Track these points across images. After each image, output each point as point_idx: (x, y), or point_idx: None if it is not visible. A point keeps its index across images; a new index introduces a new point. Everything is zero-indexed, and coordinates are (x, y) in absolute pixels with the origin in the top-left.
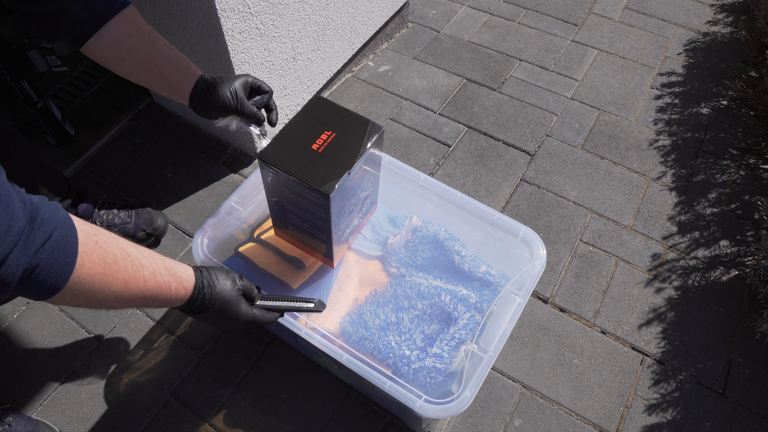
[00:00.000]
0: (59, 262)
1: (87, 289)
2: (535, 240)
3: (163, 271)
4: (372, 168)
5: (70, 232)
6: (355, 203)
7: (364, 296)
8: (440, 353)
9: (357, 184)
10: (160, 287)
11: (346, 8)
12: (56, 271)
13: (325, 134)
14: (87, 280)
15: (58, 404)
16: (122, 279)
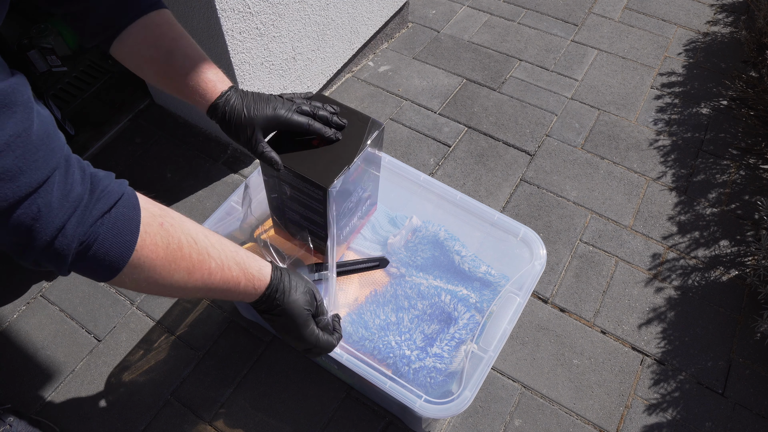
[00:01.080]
0: (118, 240)
1: (147, 274)
2: (535, 240)
3: (233, 265)
4: (372, 167)
5: (132, 209)
6: (355, 202)
7: (364, 296)
8: (440, 353)
9: (357, 181)
10: (227, 282)
11: (346, 8)
12: (114, 250)
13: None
14: (148, 263)
15: (58, 404)
16: (185, 267)
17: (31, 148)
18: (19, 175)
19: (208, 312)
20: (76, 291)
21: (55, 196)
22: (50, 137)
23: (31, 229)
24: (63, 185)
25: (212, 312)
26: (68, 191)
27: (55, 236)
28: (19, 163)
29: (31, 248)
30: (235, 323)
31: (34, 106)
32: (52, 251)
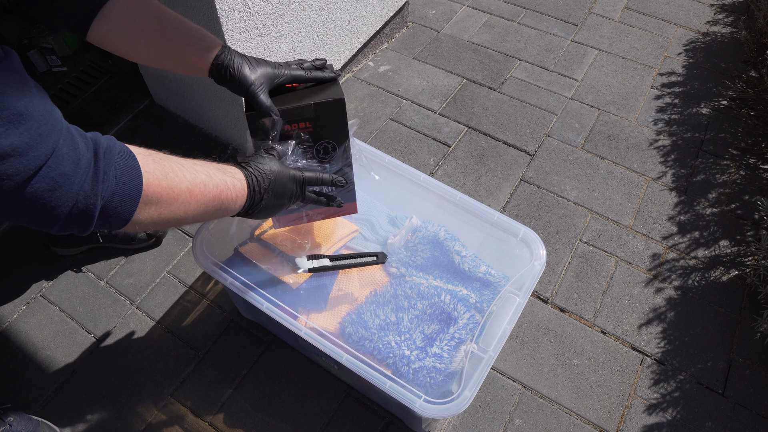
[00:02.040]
0: (129, 187)
1: (156, 207)
2: (535, 240)
3: (214, 172)
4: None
5: (130, 158)
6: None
7: (364, 296)
8: (440, 353)
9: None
10: (218, 187)
11: (346, 8)
12: (128, 197)
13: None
14: (156, 197)
15: (58, 404)
16: (186, 188)
17: (34, 124)
18: (27, 150)
19: (208, 312)
20: (76, 291)
21: (66, 166)
22: (49, 112)
23: (51, 200)
24: (72, 154)
25: (212, 312)
26: (78, 159)
27: (77, 201)
28: (26, 139)
29: (56, 217)
30: (235, 323)
31: (29, 82)
32: (78, 214)
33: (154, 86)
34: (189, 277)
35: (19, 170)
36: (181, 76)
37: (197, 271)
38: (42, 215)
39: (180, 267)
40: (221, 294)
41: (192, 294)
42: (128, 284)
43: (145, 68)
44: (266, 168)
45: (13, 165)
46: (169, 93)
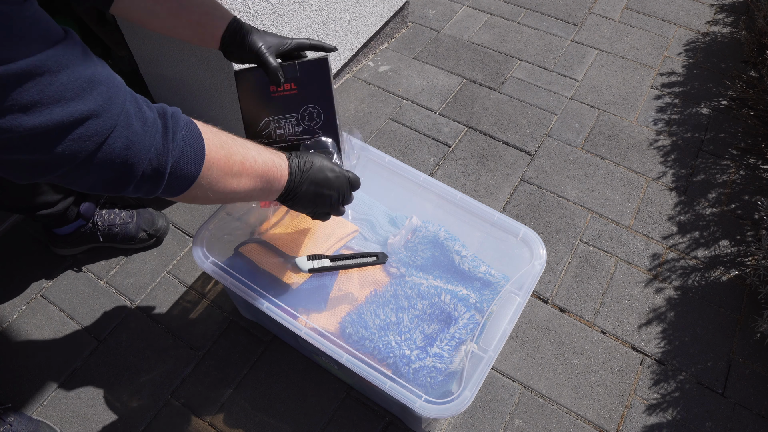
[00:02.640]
0: (194, 150)
1: (215, 176)
2: (535, 240)
3: (263, 150)
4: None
5: (194, 125)
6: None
7: (364, 296)
8: (440, 353)
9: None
10: (266, 164)
11: (346, 8)
12: (194, 159)
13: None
14: (215, 165)
15: (58, 404)
16: (239, 161)
17: (103, 88)
18: (102, 111)
19: (208, 312)
20: (76, 291)
21: (136, 125)
22: (113, 76)
23: (127, 157)
24: (139, 114)
25: (212, 312)
26: (145, 119)
27: (150, 158)
28: (100, 101)
29: (132, 175)
30: (235, 323)
31: (90, 54)
32: (152, 172)
33: (154, 86)
34: (189, 277)
35: (98, 131)
36: (181, 75)
37: (197, 271)
38: (121, 173)
39: (180, 267)
40: (221, 294)
41: (192, 294)
42: (128, 284)
43: (145, 68)
44: (308, 156)
45: (92, 126)
46: (169, 93)
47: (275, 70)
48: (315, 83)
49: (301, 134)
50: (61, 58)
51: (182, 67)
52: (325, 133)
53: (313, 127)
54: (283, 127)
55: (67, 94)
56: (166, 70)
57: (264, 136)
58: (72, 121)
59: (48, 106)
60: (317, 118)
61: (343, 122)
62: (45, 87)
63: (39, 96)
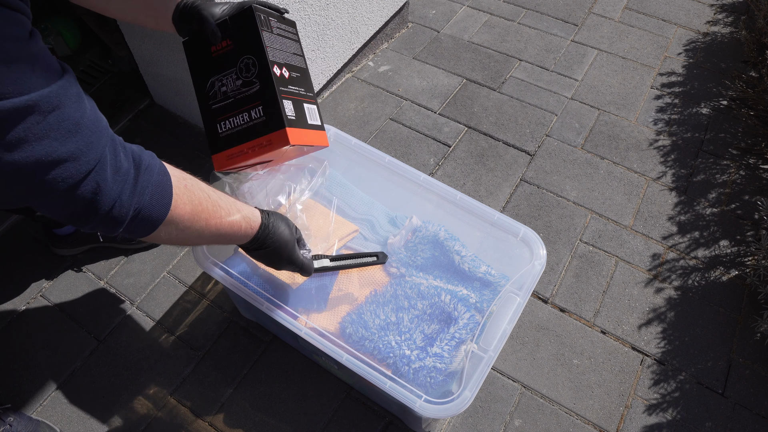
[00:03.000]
0: (160, 203)
1: (177, 226)
2: (535, 240)
3: (235, 212)
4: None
5: (166, 176)
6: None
7: (364, 296)
8: (440, 353)
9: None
10: (232, 226)
11: (346, 8)
12: (157, 211)
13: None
14: (178, 218)
15: (58, 404)
16: (204, 218)
17: (87, 133)
18: (80, 156)
19: (208, 312)
20: (76, 291)
21: (108, 172)
22: (99, 121)
23: (93, 201)
24: (114, 162)
25: (212, 312)
26: (118, 167)
27: (113, 206)
28: (80, 146)
29: (93, 216)
30: (235, 323)
31: (83, 95)
32: (111, 218)
33: (154, 86)
34: (189, 277)
35: (72, 174)
36: (181, 75)
37: (197, 271)
38: (82, 213)
39: (180, 267)
40: (221, 294)
41: (192, 294)
42: (128, 284)
43: (145, 68)
44: (278, 233)
45: (68, 169)
46: (169, 93)
47: (209, 30)
48: (246, 33)
49: (240, 87)
50: (54, 99)
51: (182, 67)
52: (260, 81)
53: (251, 77)
54: (225, 84)
55: (52, 135)
56: (166, 70)
57: (211, 96)
58: (49, 161)
59: (31, 144)
60: (253, 68)
61: (343, 122)
62: (33, 125)
63: (25, 134)
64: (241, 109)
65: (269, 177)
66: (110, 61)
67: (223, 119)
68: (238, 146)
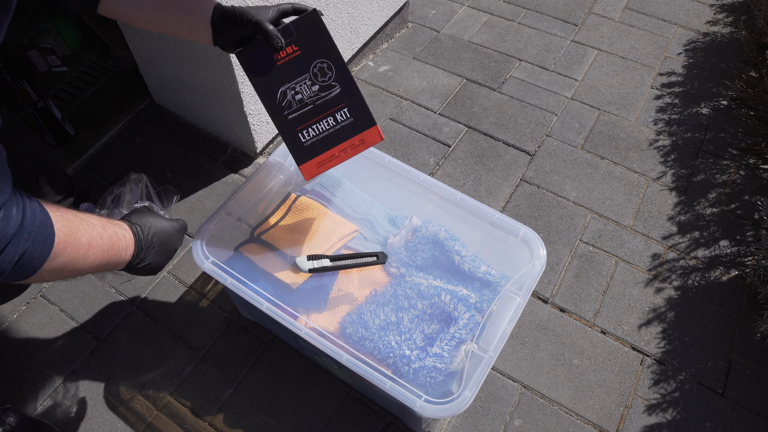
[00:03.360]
0: (42, 245)
1: (61, 259)
2: (535, 240)
3: (107, 224)
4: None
5: (46, 218)
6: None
7: (364, 296)
8: (440, 353)
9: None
10: (111, 238)
11: (346, 8)
12: (39, 253)
13: None
14: (62, 250)
15: (58, 404)
16: (86, 241)
17: None
18: None
19: (208, 312)
20: (76, 291)
21: (1, 226)
22: (3, 175)
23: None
24: (7, 217)
25: (212, 312)
26: (9, 221)
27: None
28: None
29: None
30: (235, 323)
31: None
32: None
33: (154, 86)
34: (189, 277)
35: None
36: (181, 75)
37: (197, 271)
38: None
39: (180, 267)
40: (221, 294)
41: (192, 294)
42: (128, 284)
43: (145, 68)
44: (148, 221)
45: None
46: (169, 93)
47: (274, 34)
48: (314, 37)
49: (318, 92)
50: None
51: (182, 67)
52: (341, 84)
53: (328, 81)
54: (300, 92)
55: None
56: (166, 70)
57: (285, 107)
58: None
59: None
60: (329, 71)
61: None
62: None
63: None
64: (323, 114)
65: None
66: (110, 61)
67: (305, 127)
68: (329, 151)
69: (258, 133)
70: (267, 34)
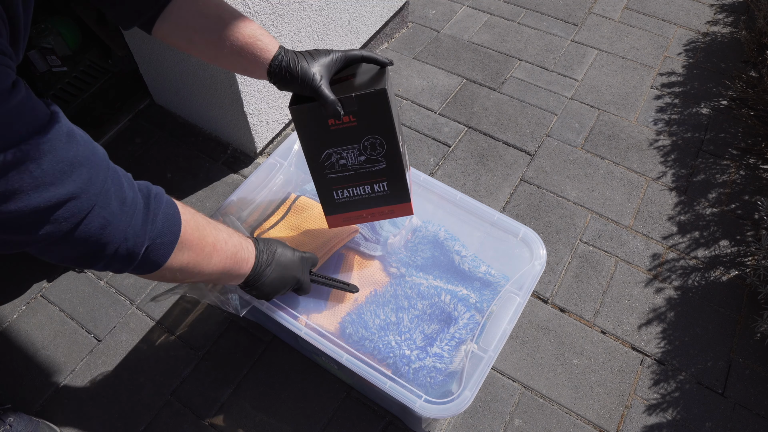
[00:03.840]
0: (171, 231)
1: (188, 254)
2: (535, 240)
3: (233, 233)
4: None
5: (174, 206)
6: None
7: (364, 296)
8: (440, 353)
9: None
10: (235, 246)
11: (346, 8)
12: (169, 239)
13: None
14: (188, 244)
15: (58, 404)
16: (211, 242)
17: (84, 170)
18: (81, 194)
19: (208, 312)
20: (76, 291)
21: (114, 205)
22: (95, 154)
23: (101, 237)
24: (119, 193)
25: (212, 312)
26: (124, 198)
27: (125, 238)
28: (79, 184)
29: (104, 253)
30: (235, 323)
31: (74, 131)
32: (125, 252)
33: (154, 86)
34: None
35: (75, 212)
36: (181, 75)
37: None
38: (94, 251)
39: None
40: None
41: None
42: (128, 284)
43: (145, 68)
44: (271, 244)
45: (70, 208)
46: (169, 93)
47: (334, 105)
48: (375, 114)
49: (364, 163)
50: (45, 145)
51: (182, 67)
52: (387, 160)
53: (376, 156)
54: (345, 158)
55: (47, 179)
56: (166, 70)
57: (327, 167)
58: (50, 205)
59: (27, 193)
60: (380, 147)
61: None
62: (26, 175)
63: (19, 184)
64: (362, 182)
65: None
66: (110, 61)
67: (341, 188)
68: (357, 212)
69: (258, 133)
70: (326, 104)
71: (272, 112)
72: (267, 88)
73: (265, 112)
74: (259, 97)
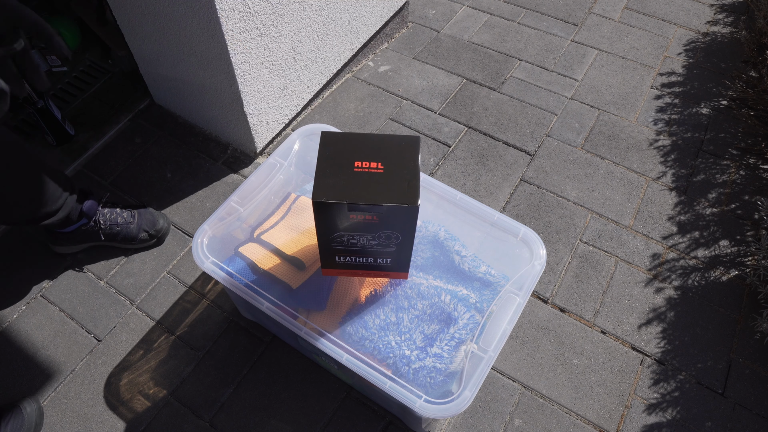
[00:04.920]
0: None
1: None
2: (535, 240)
3: None
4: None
5: None
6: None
7: (364, 296)
8: (440, 353)
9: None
10: None
11: (346, 8)
12: None
13: (359, 162)
14: None
15: (58, 404)
16: None
17: None
18: None
19: (208, 312)
20: (76, 291)
21: None
22: None
23: None
24: None
25: (212, 312)
26: None
27: None
28: None
29: None
30: (235, 323)
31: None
32: None
33: (154, 86)
34: (189, 277)
35: None
36: (181, 75)
37: (197, 271)
38: None
39: (180, 267)
40: (221, 294)
41: (192, 294)
42: (128, 284)
43: (145, 68)
44: None
45: None
46: (169, 93)
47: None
48: (401, 223)
49: (374, 245)
50: None
51: (182, 67)
52: (398, 247)
53: (388, 243)
54: (356, 239)
55: None
56: (166, 70)
57: (336, 242)
58: None
59: None
60: (395, 239)
61: (343, 122)
62: None
63: None
64: (367, 255)
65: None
66: (110, 61)
67: (345, 256)
68: (354, 271)
69: (258, 133)
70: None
71: (272, 112)
72: (267, 88)
73: (265, 112)
74: (259, 97)
